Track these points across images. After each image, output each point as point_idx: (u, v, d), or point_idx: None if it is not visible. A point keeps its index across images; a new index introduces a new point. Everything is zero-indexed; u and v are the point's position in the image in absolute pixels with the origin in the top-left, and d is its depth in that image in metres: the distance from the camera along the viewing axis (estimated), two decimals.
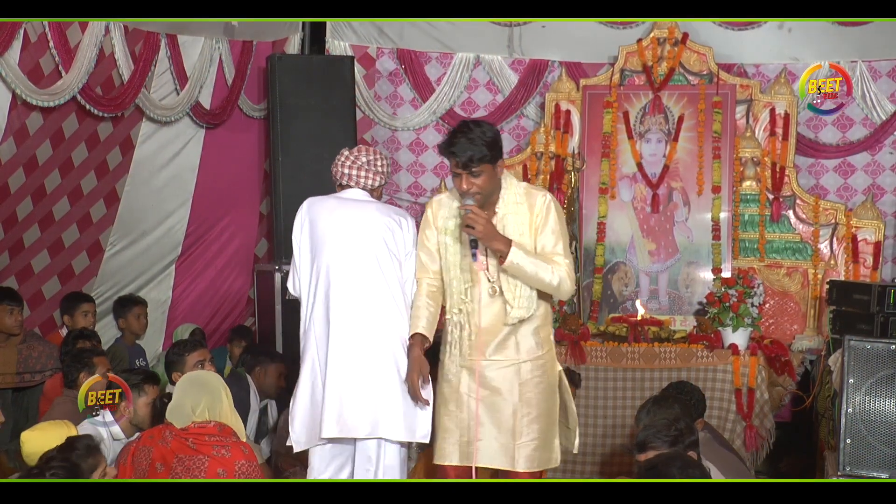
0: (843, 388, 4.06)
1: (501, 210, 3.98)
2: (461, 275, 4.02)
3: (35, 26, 5.14)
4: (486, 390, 3.98)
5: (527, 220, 3.97)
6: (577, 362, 5.92)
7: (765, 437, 5.83)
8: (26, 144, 5.52)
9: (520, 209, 3.98)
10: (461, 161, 3.83)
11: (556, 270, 3.93)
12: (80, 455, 3.57)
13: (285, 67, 6.63)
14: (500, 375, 3.98)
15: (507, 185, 4.02)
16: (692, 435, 3.97)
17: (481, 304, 3.99)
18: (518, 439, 3.93)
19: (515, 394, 3.96)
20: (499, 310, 3.98)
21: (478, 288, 4.01)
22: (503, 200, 3.99)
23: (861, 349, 4.07)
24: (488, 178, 3.88)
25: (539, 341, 4.03)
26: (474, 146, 3.81)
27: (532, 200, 4.00)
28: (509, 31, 7.26)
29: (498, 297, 3.98)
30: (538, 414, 3.97)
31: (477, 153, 3.81)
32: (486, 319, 3.99)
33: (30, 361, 5.48)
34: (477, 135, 3.84)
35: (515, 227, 3.95)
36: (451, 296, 4.02)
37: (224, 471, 3.89)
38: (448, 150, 3.88)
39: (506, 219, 3.97)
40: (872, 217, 6.64)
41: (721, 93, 6.78)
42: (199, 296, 7.07)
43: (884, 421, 4.01)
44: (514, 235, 3.92)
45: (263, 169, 7.11)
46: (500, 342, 3.99)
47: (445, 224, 4.05)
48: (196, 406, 4.07)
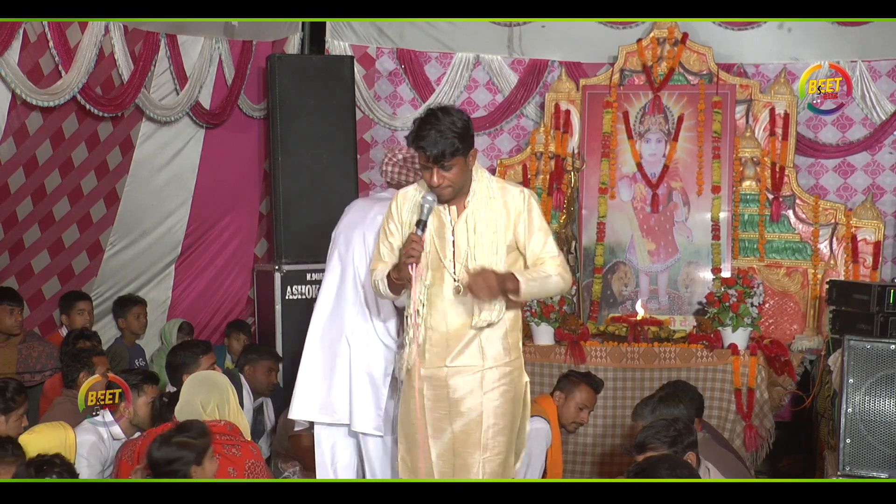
0: (843, 387, 4.07)
1: (472, 205, 3.71)
2: (426, 272, 3.74)
3: (35, 26, 5.13)
4: (444, 403, 3.73)
5: (501, 217, 3.70)
6: (577, 362, 5.92)
7: (765, 437, 5.83)
8: (26, 144, 5.52)
9: (493, 205, 3.71)
10: (431, 155, 3.58)
11: (555, 274, 3.70)
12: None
13: (285, 67, 6.62)
14: (464, 383, 3.71)
15: (479, 178, 3.75)
16: (691, 435, 3.97)
17: (445, 303, 3.72)
18: (484, 453, 3.67)
19: (479, 404, 3.69)
20: (464, 311, 3.71)
21: (441, 287, 3.73)
22: (474, 194, 3.73)
23: (861, 349, 4.07)
24: (460, 171, 3.64)
25: (507, 347, 3.77)
26: (445, 139, 3.55)
27: (508, 197, 3.74)
28: (509, 31, 7.26)
29: (463, 297, 3.68)
30: (504, 426, 3.72)
31: (448, 147, 3.56)
32: (450, 321, 3.72)
33: (30, 361, 5.48)
34: (447, 126, 3.57)
35: (487, 225, 3.69)
36: (422, 290, 3.74)
37: (234, 470, 3.91)
38: (416, 143, 3.61)
39: (476, 214, 3.70)
40: (872, 217, 6.64)
41: (721, 93, 6.78)
42: (199, 295, 7.07)
43: (883, 421, 4.01)
44: (487, 233, 3.68)
45: (263, 169, 7.11)
46: (463, 347, 3.72)
47: (411, 219, 3.77)
48: (206, 404, 4.10)
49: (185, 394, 4.18)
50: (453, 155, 3.58)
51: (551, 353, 6.02)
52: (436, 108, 3.64)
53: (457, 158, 3.60)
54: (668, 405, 4.47)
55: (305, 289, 6.50)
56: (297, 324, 6.44)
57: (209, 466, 3.73)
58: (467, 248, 3.67)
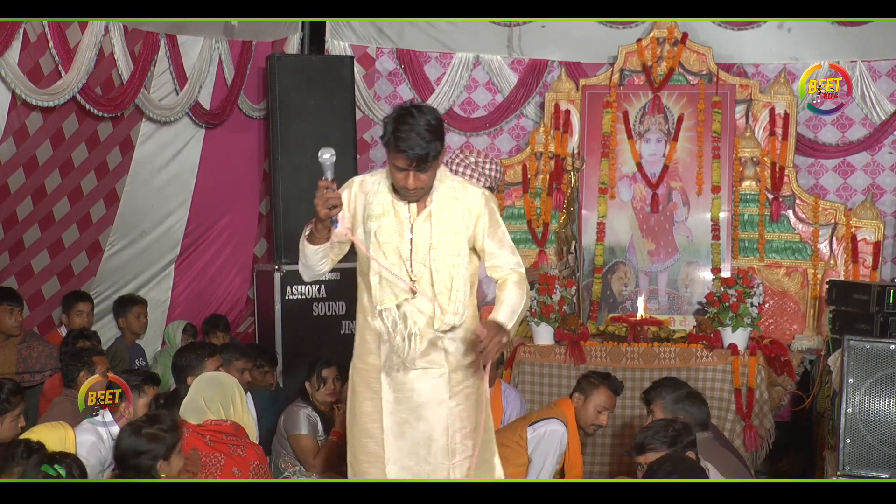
0: (843, 387, 4.07)
1: (435, 203, 3.55)
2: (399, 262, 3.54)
3: (35, 26, 5.13)
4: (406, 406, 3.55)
5: (461, 218, 3.56)
6: (577, 362, 5.93)
7: (764, 437, 5.84)
8: (26, 144, 5.52)
9: (456, 206, 3.57)
10: (413, 160, 3.41)
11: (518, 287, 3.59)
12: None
13: (285, 67, 6.62)
14: (428, 388, 3.54)
15: (442, 177, 3.59)
16: (690, 435, 3.97)
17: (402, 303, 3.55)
18: (453, 458, 3.52)
19: (445, 407, 3.54)
20: (422, 310, 3.54)
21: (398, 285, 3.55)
22: (438, 193, 3.57)
23: (861, 349, 4.07)
24: (433, 173, 3.51)
25: (467, 346, 3.60)
26: (425, 142, 3.39)
27: (469, 197, 3.59)
28: (509, 31, 7.26)
29: (421, 296, 3.52)
30: (472, 428, 3.57)
31: (432, 151, 3.41)
32: (413, 321, 3.55)
33: (29, 361, 5.48)
34: (424, 127, 3.39)
35: (450, 225, 3.54)
36: (382, 288, 3.54)
37: (239, 470, 3.92)
38: (396, 146, 3.40)
39: (440, 215, 3.55)
40: (872, 217, 6.64)
41: (721, 93, 6.78)
42: (199, 296, 7.06)
43: (883, 421, 4.01)
44: (449, 234, 3.53)
45: (263, 169, 7.11)
46: (426, 349, 3.55)
47: (370, 210, 3.57)
48: (209, 402, 4.11)
49: (191, 393, 4.21)
50: (434, 158, 3.45)
51: (551, 353, 6.02)
52: (409, 107, 3.46)
53: (433, 162, 3.47)
54: (694, 403, 4.50)
55: (305, 289, 6.50)
56: (296, 324, 6.46)
57: (175, 462, 3.70)
58: (428, 246, 3.52)
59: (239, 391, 4.25)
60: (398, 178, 3.47)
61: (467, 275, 3.55)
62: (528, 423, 4.85)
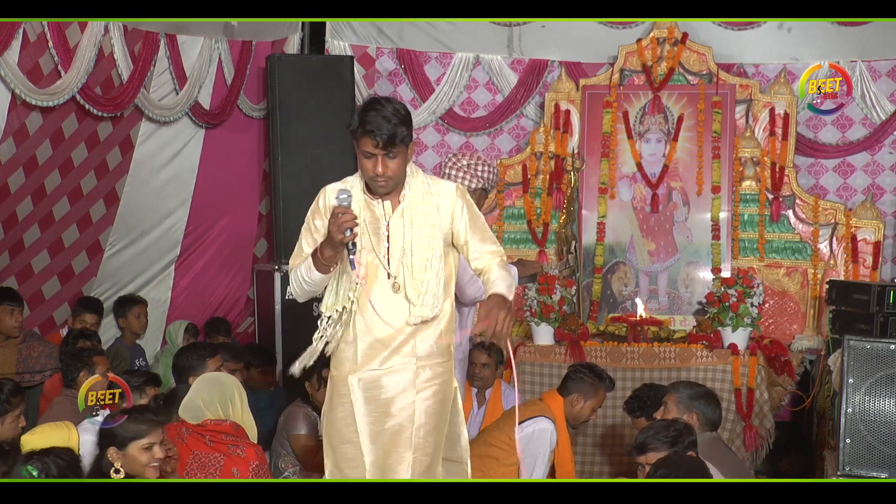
0: (843, 387, 4.06)
1: (408, 199, 3.52)
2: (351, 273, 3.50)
3: (34, 26, 5.14)
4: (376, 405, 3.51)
5: (437, 212, 3.53)
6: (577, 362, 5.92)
7: (764, 437, 5.84)
8: (26, 144, 5.52)
9: (429, 199, 3.53)
10: (381, 140, 3.36)
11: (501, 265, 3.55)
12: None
13: (285, 67, 6.62)
14: (395, 382, 3.51)
15: (413, 173, 3.57)
16: (691, 435, 3.97)
17: (379, 301, 3.51)
18: (414, 453, 3.46)
19: (412, 403, 3.49)
20: (399, 310, 3.50)
21: (374, 284, 3.52)
22: (410, 189, 3.53)
23: (861, 349, 4.07)
24: (402, 162, 3.46)
25: (440, 348, 3.56)
26: (392, 124, 3.36)
27: (442, 191, 3.56)
28: (509, 31, 7.26)
29: (399, 293, 3.51)
30: (434, 426, 3.51)
31: (399, 133, 3.38)
32: (385, 320, 3.50)
33: (29, 361, 5.48)
34: (391, 112, 3.39)
35: (425, 220, 3.51)
36: (336, 292, 3.55)
37: (238, 471, 3.91)
38: (363, 128, 3.37)
39: (413, 209, 3.51)
40: (872, 217, 6.64)
41: (721, 93, 6.78)
42: (198, 296, 7.06)
43: (883, 421, 4.01)
44: (425, 227, 3.49)
45: (263, 169, 7.11)
46: (397, 346, 3.52)
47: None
48: (208, 403, 4.10)
49: (191, 393, 4.21)
50: (403, 141, 3.40)
51: (551, 353, 6.02)
52: (377, 97, 3.51)
53: (401, 147, 3.42)
54: (710, 403, 4.49)
55: None
56: (296, 324, 6.46)
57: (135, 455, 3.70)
58: (403, 243, 3.49)
59: (239, 391, 4.25)
60: (367, 166, 3.43)
61: (442, 268, 3.53)
62: (515, 422, 4.74)
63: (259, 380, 5.94)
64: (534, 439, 4.65)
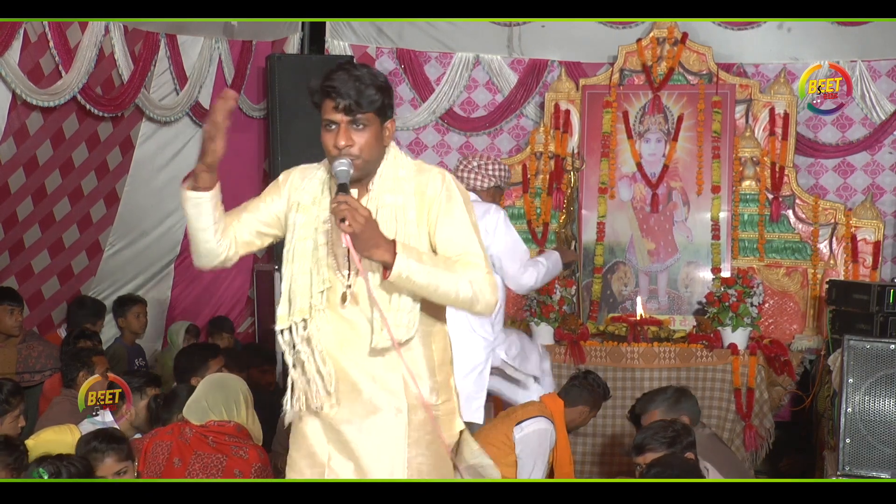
0: (843, 387, 4.07)
1: (377, 186, 2.82)
2: (315, 270, 2.81)
3: (35, 26, 5.14)
4: (350, 458, 2.81)
5: (412, 204, 2.80)
6: (577, 362, 5.93)
7: (764, 437, 5.84)
8: (26, 145, 5.52)
9: (402, 188, 2.81)
10: (343, 102, 2.70)
11: (467, 276, 2.72)
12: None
13: (285, 67, 6.62)
14: (368, 440, 2.77)
15: (392, 157, 2.86)
16: (689, 436, 3.97)
17: (336, 320, 2.81)
18: None
19: (395, 462, 2.77)
20: (360, 330, 2.79)
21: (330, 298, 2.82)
22: (380, 176, 2.83)
23: (860, 349, 4.07)
24: (374, 138, 2.76)
25: (433, 385, 2.80)
26: (363, 85, 2.71)
27: (424, 179, 2.83)
28: (509, 31, 7.26)
29: (356, 308, 2.79)
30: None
31: (366, 95, 2.71)
32: (341, 343, 2.80)
33: (29, 361, 5.48)
34: (365, 74, 2.74)
35: (392, 211, 2.78)
36: (291, 299, 2.82)
37: (241, 472, 3.92)
38: (325, 85, 2.74)
39: (381, 199, 2.80)
40: (872, 217, 6.64)
41: (720, 92, 6.78)
42: (198, 296, 7.07)
43: (883, 421, 4.01)
44: (390, 222, 2.77)
45: (263, 169, 7.11)
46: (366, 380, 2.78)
47: (298, 198, 2.93)
48: (213, 404, 4.11)
49: (196, 393, 4.22)
50: (371, 106, 2.72)
51: (551, 353, 6.00)
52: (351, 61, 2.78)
53: (371, 116, 2.75)
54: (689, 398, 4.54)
55: None
56: None
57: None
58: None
59: (245, 394, 4.24)
60: (327, 140, 2.79)
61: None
62: (514, 421, 4.72)
63: (259, 380, 5.94)
64: (533, 439, 4.66)
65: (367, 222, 2.60)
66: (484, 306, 2.76)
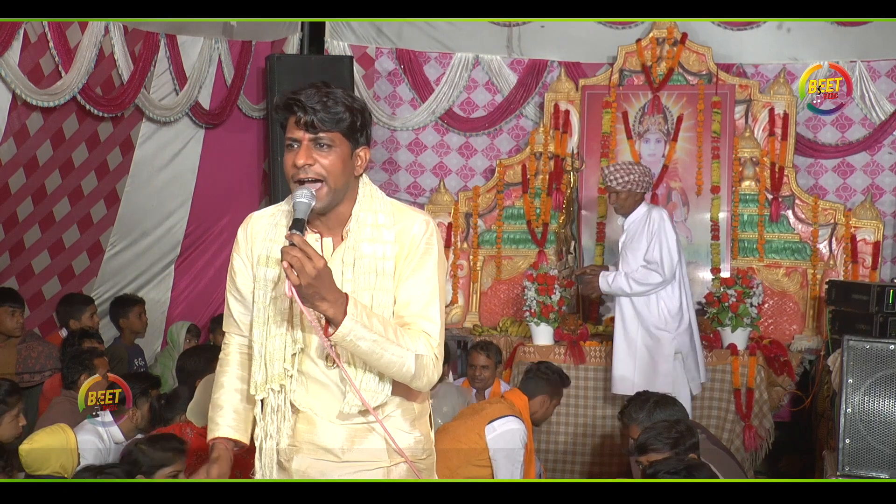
0: (842, 388, 4.06)
1: (354, 234, 2.58)
2: (287, 330, 2.60)
3: (35, 26, 5.13)
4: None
5: (391, 254, 2.58)
6: (577, 362, 5.93)
7: (764, 437, 5.84)
8: (27, 145, 5.52)
9: (382, 236, 2.58)
10: (304, 117, 2.46)
11: (415, 350, 2.52)
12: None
13: (284, 67, 6.63)
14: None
15: (367, 195, 2.61)
16: (693, 437, 3.96)
17: (314, 376, 2.63)
18: None
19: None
20: (337, 391, 2.62)
21: (306, 354, 2.63)
22: (356, 219, 2.59)
23: (860, 349, 4.07)
24: (340, 161, 2.50)
25: (419, 438, 2.69)
26: (331, 101, 2.48)
27: (406, 226, 2.60)
28: (508, 31, 7.27)
29: (336, 369, 2.59)
30: None
31: (332, 112, 2.47)
32: (318, 405, 2.63)
33: (29, 362, 5.48)
34: (338, 93, 2.51)
35: (371, 264, 2.56)
36: (267, 363, 2.63)
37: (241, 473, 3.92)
38: (289, 99, 2.50)
39: (359, 249, 2.57)
40: (871, 217, 6.64)
41: (720, 93, 6.78)
42: (199, 296, 7.07)
43: (883, 421, 4.01)
44: (370, 274, 2.56)
45: (263, 169, 7.12)
46: (345, 441, 2.64)
47: (267, 250, 2.68)
48: None
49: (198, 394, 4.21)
50: (336, 125, 2.48)
51: (551, 353, 6.02)
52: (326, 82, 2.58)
53: (338, 136, 2.50)
54: (665, 408, 4.43)
55: None
56: None
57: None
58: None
59: None
60: (286, 160, 2.52)
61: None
62: (485, 419, 4.65)
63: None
64: (507, 440, 4.65)
65: (319, 275, 2.35)
66: (425, 383, 2.58)
